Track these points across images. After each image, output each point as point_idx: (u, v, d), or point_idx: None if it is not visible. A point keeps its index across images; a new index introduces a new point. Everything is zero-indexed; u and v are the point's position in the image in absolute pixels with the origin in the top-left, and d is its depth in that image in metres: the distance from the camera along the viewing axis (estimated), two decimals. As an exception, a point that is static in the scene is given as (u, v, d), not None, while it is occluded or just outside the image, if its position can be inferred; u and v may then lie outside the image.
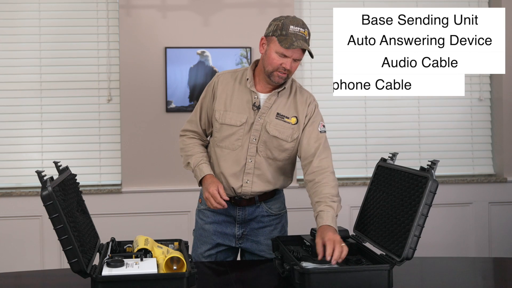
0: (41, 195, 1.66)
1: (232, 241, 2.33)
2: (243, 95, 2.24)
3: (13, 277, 2.19)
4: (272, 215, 2.34)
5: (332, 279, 1.77)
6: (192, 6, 3.70)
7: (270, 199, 2.34)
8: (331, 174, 2.21)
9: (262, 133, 2.21)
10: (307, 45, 2.11)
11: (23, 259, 3.61)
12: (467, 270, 2.28)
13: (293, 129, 2.23)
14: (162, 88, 3.68)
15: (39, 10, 3.72)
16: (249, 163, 2.23)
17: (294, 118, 2.24)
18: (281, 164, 2.28)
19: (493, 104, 4.05)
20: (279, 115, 2.22)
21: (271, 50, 2.13)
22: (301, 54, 2.13)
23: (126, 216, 3.66)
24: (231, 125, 2.22)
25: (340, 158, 3.95)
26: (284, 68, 2.13)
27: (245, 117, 2.22)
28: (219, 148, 2.27)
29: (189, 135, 2.37)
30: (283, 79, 2.17)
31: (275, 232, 2.35)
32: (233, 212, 2.31)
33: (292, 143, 2.24)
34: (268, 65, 2.15)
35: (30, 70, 3.73)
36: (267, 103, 2.22)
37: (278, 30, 2.11)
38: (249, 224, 2.32)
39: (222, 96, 2.26)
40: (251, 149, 2.22)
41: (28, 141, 3.73)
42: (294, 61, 2.13)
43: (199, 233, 2.37)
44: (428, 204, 1.80)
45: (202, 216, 2.37)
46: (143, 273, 1.71)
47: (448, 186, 3.90)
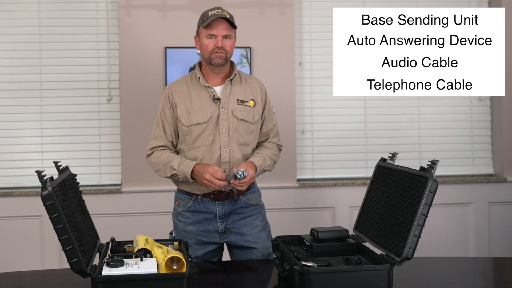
0: (41, 195, 1.66)
1: (216, 237, 2.37)
2: (200, 94, 2.37)
3: (13, 277, 2.19)
4: (251, 206, 2.41)
5: (332, 279, 1.77)
6: (192, 6, 3.70)
7: (247, 193, 2.40)
8: (277, 147, 2.49)
9: (231, 121, 2.34)
10: (222, 14, 2.28)
11: (23, 259, 3.61)
12: (467, 270, 2.28)
13: (253, 111, 2.39)
14: (162, 88, 3.68)
15: (39, 10, 3.72)
16: (224, 152, 2.32)
17: (252, 101, 2.40)
18: (250, 149, 2.40)
19: (493, 104, 4.05)
20: (239, 101, 2.38)
21: (202, 39, 2.34)
22: (226, 30, 2.31)
23: (126, 216, 3.67)
24: (199, 123, 2.33)
25: (340, 158, 3.96)
26: (218, 47, 2.29)
27: (209, 112, 2.34)
28: (194, 149, 2.34)
29: (158, 149, 2.41)
30: (222, 59, 2.32)
31: (257, 221, 2.41)
32: (213, 208, 2.35)
33: (255, 124, 2.40)
34: (204, 51, 2.33)
35: (30, 70, 3.73)
36: (225, 93, 2.37)
37: (201, 20, 2.35)
38: (230, 217, 2.37)
39: (181, 102, 2.37)
40: (223, 139, 2.33)
41: (28, 141, 3.73)
42: (224, 38, 2.31)
43: (182, 235, 2.39)
44: (428, 204, 1.80)
45: (182, 218, 2.40)
46: (143, 273, 1.71)
47: (448, 186, 3.90)
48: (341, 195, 3.83)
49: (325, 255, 2.02)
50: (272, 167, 2.42)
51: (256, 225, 2.39)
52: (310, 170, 3.94)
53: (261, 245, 2.38)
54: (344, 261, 1.96)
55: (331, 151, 3.96)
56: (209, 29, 2.30)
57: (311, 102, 3.92)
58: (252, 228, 2.38)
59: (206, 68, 2.39)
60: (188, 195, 2.39)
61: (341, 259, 1.99)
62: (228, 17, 2.30)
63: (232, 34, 2.34)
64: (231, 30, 2.33)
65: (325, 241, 2.08)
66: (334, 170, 3.96)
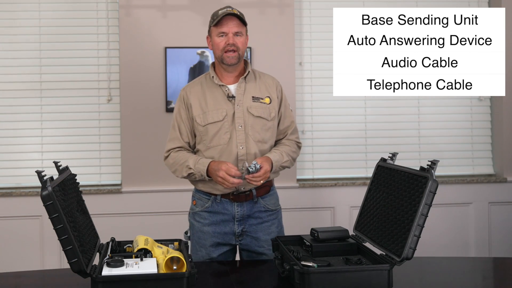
0: (41, 195, 1.66)
1: (232, 239, 2.36)
2: (215, 93, 2.37)
3: (13, 277, 2.19)
4: (269, 211, 2.40)
5: (332, 279, 1.77)
6: (192, 6, 3.70)
7: (266, 195, 2.40)
8: (296, 144, 2.48)
9: (247, 118, 2.32)
10: (232, 11, 2.29)
11: (23, 259, 3.61)
12: (467, 270, 2.28)
13: (269, 108, 2.38)
14: (162, 88, 3.68)
15: (39, 10, 3.73)
16: (241, 150, 2.31)
17: (267, 99, 2.39)
18: (267, 146, 2.38)
19: (493, 104, 4.05)
20: (254, 98, 2.36)
21: (214, 38, 2.33)
22: (237, 27, 2.30)
23: (126, 216, 3.67)
24: (215, 122, 2.32)
25: (340, 158, 3.96)
26: (229, 44, 2.29)
27: (224, 110, 2.33)
28: (211, 149, 2.33)
29: (175, 150, 2.39)
30: (235, 58, 2.32)
31: (273, 227, 2.40)
32: (231, 210, 2.34)
33: (272, 121, 2.38)
34: (217, 50, 2.33)
35: (30, 70, 3.73)
36: (239, 90, 2.36)
37: (211, 20, 2.35)
38: (247, 221, 2.36)
39: (196, 102, 2.36)
40: (240, 137, 2.31)
41: (28, 141, 3.73)
42: (236, 36, 2.30)
43: (198, 235, 2.38)
44: (428, 204, 1.80)
45: (199, 219, 2.39)
46: (143, 273, 1.71)
47: (448, 186, 3.90)
48: (341, 195, 3.83)
49: (325, 255, 2.02)
50: (291, 164, 2.40)
51: (272, 231, 2.39)
52: (310, 170, 3.94)
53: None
54: (344, 261, 1.96)
55: (331, 151, 3.96)
56: (219, 27, 2.29)
57: (311, 102, 3.92)
58: (267, 234, 2.37)
59: (219, 67, 2.39)
60: (206, 195, 2.37)
61: (341, 259, 1.99)
62: (238, 14, 2.30)
63: (243, 31, 2.33)
64: (242, 27, 2.32)
65: (325, 241, 2.08)
66: (334, 170, 3.96)
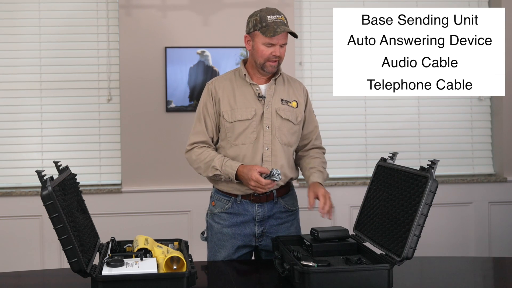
0: (41, 195, 1.66)
1: (252, 240, 2.35)
2: (245, 91, 2.34)
3: (13, 277, 2.19)
4: (289, 211, 2.39)
5: (332, 279, 1.77)
6: (192, 6, 3.70)
7: (286, 195, 2.39)
8: (322, 153, 2.50)
9: (275, 120, 2.31)
10: (289, 28, 2.26)
11: (23, 259, 3.61)
12: (467, 270, 2.28)
13: (296, 112, 2.37)
14: (162, 88, 3.68)
15: (39, 10, 3.72)
16: (266, 151, 2.30)
17: (294, 102, 2.38)
18: (292, 150, 2.40)
19: (493, 104, 4.05)
20: (283, 101, 2.35)
21: (258, 44, 2.27)
22: (285, 38, 2.28)
23: (126, 216, 3.66)
24: (243, 120, 2.30)
25: (340, 158, 3.96)
26: (275, 56, 2.27)
27: (253, 109, 2.31)
28: (236, 147, 2.30)
29: (199, 146, 2.35)
30: (275, 68, 2.32)
31: (292, 228, 2.40)
32: (252, 211, 2.32)
33: (298, 125, 2.38)
34: (259, 57, 2.29)
35: (30, 70, 3.72)
36: (269, 91, 2.34)
37: (258, 24, 2.26)
38: (268, 221, 2.34)
39: (225, 98, 2.33)
40: (266, 138, 2.30)
41: (28, 141, 3.73)
42: (281, 47, 2.28)
43: (217, 237, 2.35)
44: (428, 203, 1.80)
45: (218, 220, 2.36)
46: (143, 272, 1.71)
47: (448, 186, 3.90)
48: (341, 195, 3.83)
49: (325, 255, 2.02)
50: (327, 175, 2.43)
51: (291, 232, 2.38)
52: (310, 170, 3.93)
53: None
54: (344, 261, 1.96)
55: (331, 151, 3.94)
56: (270, 38, 2.23)
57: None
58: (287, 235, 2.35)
59: (251, 68, 2.36)
60: (226, 196, 2.34)
61: (341, 259, 1.99)
62: (292, 31, 2.26)
63: (287, 41, 2.31)
64: (287, 39, 2.30)
65: (325, 241, 2.08)
66: (334, 170, 3.96)
